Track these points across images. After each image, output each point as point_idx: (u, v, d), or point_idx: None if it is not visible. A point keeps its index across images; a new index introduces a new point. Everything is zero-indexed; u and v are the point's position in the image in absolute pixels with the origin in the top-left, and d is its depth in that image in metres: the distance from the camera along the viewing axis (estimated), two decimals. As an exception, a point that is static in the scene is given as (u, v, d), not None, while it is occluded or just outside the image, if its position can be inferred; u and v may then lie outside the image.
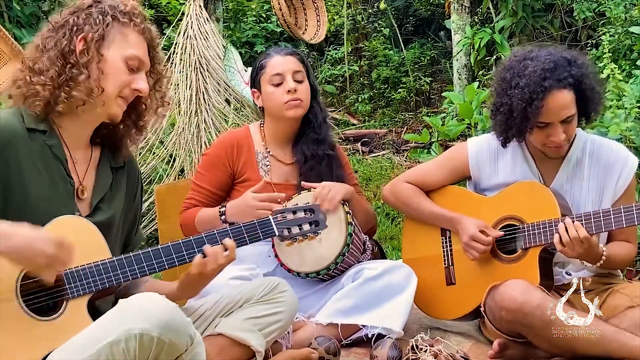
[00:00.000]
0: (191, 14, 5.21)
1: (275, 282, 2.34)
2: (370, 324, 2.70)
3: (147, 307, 1.79)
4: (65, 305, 1.93)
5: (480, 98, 4.58)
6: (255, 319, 2.26)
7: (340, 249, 2.74)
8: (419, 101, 8.05)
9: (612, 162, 2.69)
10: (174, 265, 2.08)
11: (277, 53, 2.96)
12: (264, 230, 2.20)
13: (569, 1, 6.43)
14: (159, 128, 4.87)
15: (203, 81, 5.03)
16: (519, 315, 2.46)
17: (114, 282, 1.99)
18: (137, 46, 2.06)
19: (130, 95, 2.07)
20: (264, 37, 8.85)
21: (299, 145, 2.95)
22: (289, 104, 2.87)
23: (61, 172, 2.02)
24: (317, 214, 2.25)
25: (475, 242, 2.71)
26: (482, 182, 2.87)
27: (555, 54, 2.59)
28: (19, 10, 6.22)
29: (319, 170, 2.90)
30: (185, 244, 2.09)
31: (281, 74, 2.89)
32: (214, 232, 2.12)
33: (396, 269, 2.79)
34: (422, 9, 8.97)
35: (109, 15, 2.02)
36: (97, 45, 1.99)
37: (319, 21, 5.97)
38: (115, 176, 2.18)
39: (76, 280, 1.94)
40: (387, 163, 6.31)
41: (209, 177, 2.90)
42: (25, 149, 1.95)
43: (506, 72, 2.66)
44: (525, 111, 2.54)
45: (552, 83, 2.51)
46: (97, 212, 2.08)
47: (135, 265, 2.02)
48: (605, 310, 2.57)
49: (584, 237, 2.46)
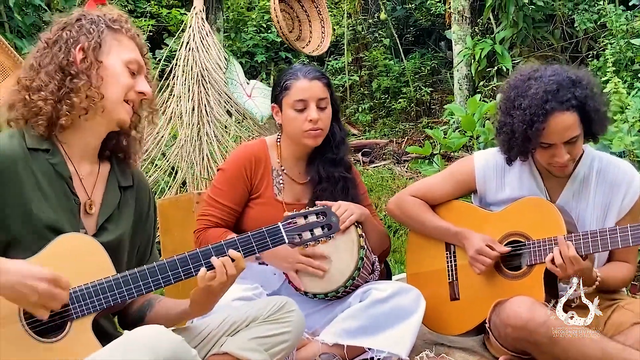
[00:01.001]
0: (193, 26, 5.21)
1: (282, 301, 2.31)
2: (376, 347, 2.65)
3: (154, 340, 1.76)
4: (69, 325, 1.91)
5: (483, 110, 4.57)
6: (262, 338, 2.23)
7: (351, 272, 2.71)
8: (419, 111, 8.06)
9: (618, 181, 2.68)
10: (179, 279, 2.04)
11: (304, 76, 2.83)
12: (273, 238, 2.14)
13: (570, 12, 6.45)
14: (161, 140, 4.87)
15: (205, 93, 5.03)
16: (524, 333, 2.44)
17: (119, 300, 1.96)
18: (132, 50, 2.09)
19: (135, 98, 2.08)
20: (265, 47, 8.88)
21: (315, 164, 2.89)
22: (308, 132, 2.79)
23: (65, 191, 2.01)
24: (329, 216, 2.19)
25: (482, 256, 2.70)
26: (488, 197, 2.86)
27: (560, 73, 2.57)
28: (20, 20, 6.21)
29: (332, 192, 2.84)
30: (192, 257, 2.04)
31: (305, 100, 2.79)
32: (221, 243, 2.08)
33: (405, 292, 2.74)
34: (423, 19, 8.98)
35: (101, 23, 2.05)
36: (95, 53, 2.01)
37: (324, 32, 5.98)
38: (124, 195, 2.16)
39: (80, 300, 1.91)
40: (387, 174, 6.31)
41: (228, 192, 2.81)
42: (26, 171, 1.94)
43: (510, 90, 2.65)
44: (525, 133, 2.53)
45: (554, 105, 2.49)
46: (103, 232, 2.06)
47: (141, 281, 1.99)
48: (610, 327, 2.57)
49: (573, 256, 2.45)
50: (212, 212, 2.81)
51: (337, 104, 2.94)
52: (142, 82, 2.10)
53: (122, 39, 2.08)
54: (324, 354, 2.59)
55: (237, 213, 2.84)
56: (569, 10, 6.45)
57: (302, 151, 2.91)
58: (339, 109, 2.98)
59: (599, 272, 2.56)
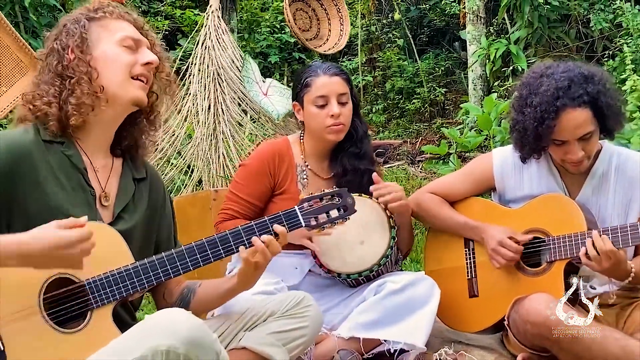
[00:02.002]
0: (209, 25, 5.22)
1: (300, 296, 2.31)
2: (392, 339, 2.65)
3: (174, 324, 1.76)
4: (90, 315, 1.91)
5: (499, 109, 4.56)
6: (280, 333, 2.23)
7: (384, 250, 2.73)
8: (433, 112, 8.04)
9: (638, 176, 2.66)
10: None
11: (323, 72, 2.86)
12: (290, 221, 2.15)
13: (585, 12, 6.42)
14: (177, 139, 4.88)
15: (221, 92, 5.04)
16: (543, 329, 2.42)
17: (138, 288, 1.97)
18: (122, 29, 2.09)
19: (144, 71, 2.07)
20: (278, 48, 8.89)
21: (339, 159, 2.92)
22: (330, 128, 2.82)
23: (81, 182, 2.02)
24: (345, 198, 2.19)
25: (504, 248, 2.69)
26: (507, 194, 2.84)
27: (573, 69, 2.55)
28: (35, 20, 6.27)
29: (359, 184, 2.85)
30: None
31: (326, 96, 2.83)
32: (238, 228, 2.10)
33: (419, 281, 2.75)
34: (437, 19, 8.97)
35: (82, 20, 2.06)
36: (84, 49, 2.02)
37: (342, 30, 5.98)
38: (138, 187, 2.18)
39: (99, 289, 1.92)
40: (402, 174, 6.29)
41: (249, 187, 2.85)
42: (43, 162, 1.96)
43: (523, 88, 2.64)
44: (537, 130, 2.52)
45: (566, 101, 2.47)
46: (120, 221, 2.08)
47: (159, 267, 2.00)
48: (630, 324, 2.55)
49: (610, 250, 2.43)
50: (231, 206, 2.84)
51: (357, 99, 2.97)
52: (145, 53, 2.09)
53: (108, 24, 2.08)
54: (342, 350, 2.58)
55: (257, 208, 2.86)
56: (585, 10, 6.43)
57: (325, 147, 2.93)
58: (359, 103, 3.00)
59: (633, 265, 2.53)
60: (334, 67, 2.92)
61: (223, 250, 2.08)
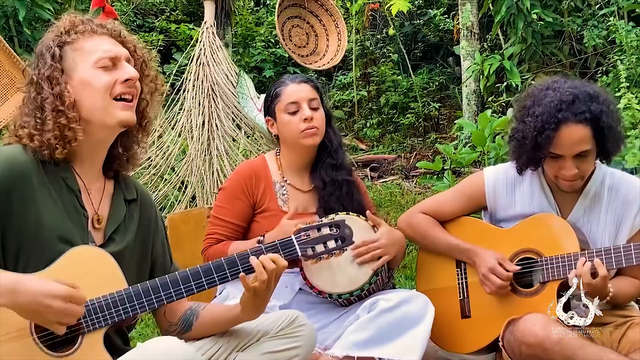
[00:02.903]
0: (204, 41, 5.22)
1: (293, 315, 2.29)
2: (387, 357, 2.63)
3: (167, 353, 1.76)
4: (81, 339, 1.90)
5: (493, 126, 4.56)
6: (273, 353, 2.21)
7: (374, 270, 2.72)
8: (427, 127, 8.04)
9: (631, 198, 2.66)
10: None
11: (291, 81, 2.95)
12: (287, 251, 2.15)
13: (578, 28, 6.45)
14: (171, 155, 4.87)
15: (215, 107, 5.04)
16: (539, 351, 2.41)
17: (130, 313, 1.96)
18: (97, 48, 2.02)
19: (124, 89, 2.02)
20: (273, 62, 8.89)
21: (317, 171, 2.94)
22: (305, 132, 2.86)
23: (74, 204, 2.01)
24: (342, 229, 2.18)
25: (493, 275, 2.68)
26: (499, 213, 2.84)
27: (579, 87, 2.56)
28: (29, 34, 6.26)
29: (339, 196, 2.88)
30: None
31: (297, 102, 2.88)
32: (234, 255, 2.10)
33: (412, 299, 2.74)
34: (431, 34, 8.98)
35: (53, 47, 2.00)
36: (59, 79, 1.97)
37: (340, 45, 6.01)
38: (129, 208, 2.16)
39: (91, 314, 1.91)
40: (396, 189, 6.28)
41: (230, 209, 2.86)
42: (40, 182, 1.95)
43: (527, 99, 2.65)
44: (536, 139, 2.52)
45: (567, 115, 2.48)
46: (111, 243, 2.06)
47: (152, 294, 1.99)
48: (625, 344, 2.54)
49: (604, 275, 2.44)
50: (217, 230, 2.85)
51: (328, 110, 3.01)
52: (123, 70, 2.03)
53: (82, 45, 2.02)
54: (336, 369, 2.57)
55: (242, 229, 2.88)
56: (578, 27, 6.45)
57: (303, 159, 2.95)
58: (331, 114, 3.04)
59: (611, 287, 2.53)
60: (301, 76, 3.02)
61: (218, 278, 2.07)
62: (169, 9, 9.76)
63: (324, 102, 2.98)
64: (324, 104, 2.97)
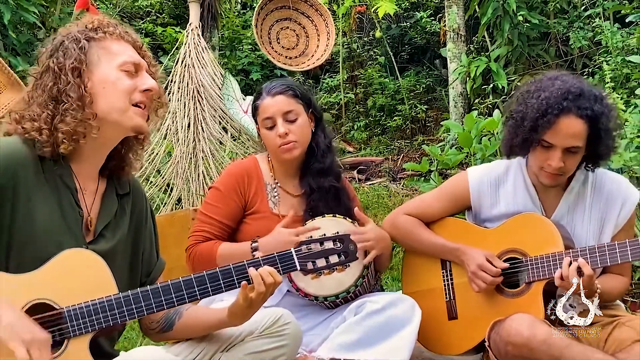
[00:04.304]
0: (189, 42, 5.20)
1: (278, 313, 2.28)
2: (374, 359, 2.64)
3: None
4: (67, 343, 1.87)
5: (480, 127, 4.56)
6: (258, 353, 2.20)
7: (360, 271, 2.72)
8: (414, 129, 8.05)
9: (614, 195, 2.68)
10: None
11: (267, 93, 2.88)
12: (285, 264, 2.09)
13: (564, 30, 6.47)
14: (156, 157, 4.84)
15: (201, 109, 5.02)
16: (525, 351, 2.41)
17: (119, 320, 1.93)
18: (123, 52, 2.02)
19: (142, 98, 2.02)
20: (260, 65, 8.88)
21: (305, 177, 2.92)
22: (281, 148, 2.83)
23: (70, 201, 1.98)
24: (347, 244, 2.13)
25: (483, 272, 2.67)
26: (483, 213, 2.84)
27: (586, 86, 2.59)
28: (15, 38, 6.22)
29: (327, 202, 2.86)
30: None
31: (271, 117, 2.84)
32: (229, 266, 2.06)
33: (399, 301, 2.73)
34: (418, 37, 9.00)
35: (81, 40, 1.98)
36: (82, 73, 1.96)
37: (328, 44, 6.00)
38: (120, 203, 2.13)
39: (78, 319, 1.88)
40: (384, 191, 6.28)
41: (220, 208, 2.83)
42: (35, 175, 1.92)
43: (532, 85, 2.67)
44: (536, 121, 2.53)
45: (571, 106, 2.50)
46: (101, 240, 2.04)
47: (143, 302, 1.95)
48: (611, 344, 2.54)
49: (589, 274, 2.44)
50: (204, 228, 2.82)
51: (317, 112, 2.97)
52: (144, 79, 2.03)
53: (109, 45, 2.01)
54: (322, 371, 2.55)
55: (229, 229, 2.84)
56: (564, 28, 6.48)
57: (289, 166, 2.93)
58: (321, 116, 2.99)
59: (599, 285, 2.53)
60: (278, 85, 2.91)
61: (211, 288, 2.04)
62: (154, 12, 9.73)
63: (313, 103, 2.94)
64: (312, 106, 2.92)
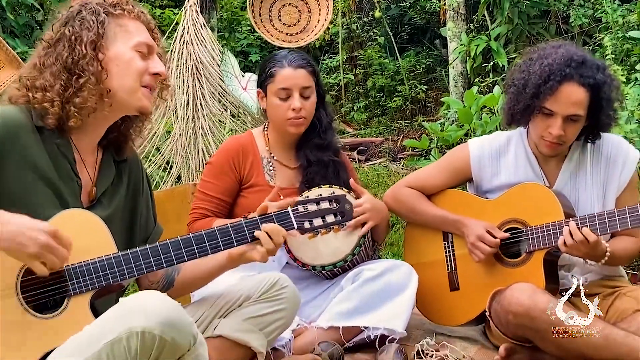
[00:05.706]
0: (187, 19, 5.18)
1: (275, 277, 2.27)
2: (371, 325, 2.64)
3: (149, 305, 1.72)
4: (67, 302, 1.87)
5: (480, 103, 4.55)
6: (256, 318, 2.20)
7: (357, 240, 2.72)
8: (414, 109, 8.03)
9: (614, 156, 2.68)
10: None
11: (288, 64, 2.82)
12: (282, 223, 2.09)
13: (565, 8, 6.45)
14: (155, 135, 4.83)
15: (200, 87, 5.00)
16: (526, 319, 2.41)
17: (119, 278, 1.93)
18: (139, 33, 2.01)
19: (151, 81, 2.02)
20: (259, 47, 8.85)
21: (303, 150, 2.90)
22: (291, 121, 2.81)
23: (68, 171, 1.97)
24: (342, 204, 2.12)
25: (482, 243, 2.67)
26: (484, 184, 2.83)
27: (590, 57, 2.60)
28: (13, 19, 6.20)
29: (324, 174, 2.85)
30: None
31: (289, 89, 2.80)
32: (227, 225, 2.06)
33: (396, 267, 2.74)
34: (417, 17, 8.97)
35: (101, 13, 1.97)
36: (99, 46, 1.94)
37: (326, 19, 5.96)
38: (118, 170, 2.12)
39: (79, 277, 1.88)
40: (384, 171, 6.28)
41: (217, 184, 2.83)
42: (35, 144, 1.90)
43: (535, 52, 2.67)
44: (538, 87, 2.54)
45: (573, 73, 2.51)
46: (99, 206, 2.03)
47: (142, 260, 1.95)
48: (613, 314, 2.55)
49: (594, 240, 2.43)
50: (202, 205, 2.83)
51: (323, 90, 2.95)
52: (155, 62, 2.03)
53: (126, 23, 2.00)
54: (323, 342, 2.55)
55: (227, 204, 2.85)
56: (564, 6, 6.46)
57: (288, 138, 2.92)
58: (324, 94, 2.98)
59: (608, 246, 2.53)
60: (300, 58, 2.87)
61: (209, 247, 2.04)
62: (153, -6, 9.68)
63: (319, 84, 2.92)
64: (319, 85, 2.91)
